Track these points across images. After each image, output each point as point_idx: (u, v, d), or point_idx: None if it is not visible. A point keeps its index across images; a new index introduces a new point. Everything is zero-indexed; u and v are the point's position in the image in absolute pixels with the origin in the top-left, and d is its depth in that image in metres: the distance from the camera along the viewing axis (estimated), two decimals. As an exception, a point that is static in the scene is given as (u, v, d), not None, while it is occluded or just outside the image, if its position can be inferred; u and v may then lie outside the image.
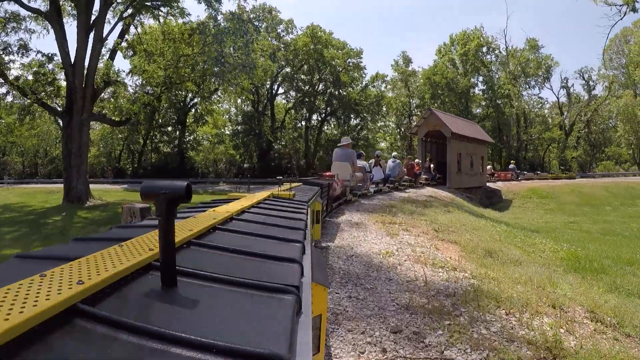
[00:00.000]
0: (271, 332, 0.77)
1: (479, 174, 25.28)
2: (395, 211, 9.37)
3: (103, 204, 17.99)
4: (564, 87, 56.91)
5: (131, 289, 0.92)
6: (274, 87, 46.94)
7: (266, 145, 43.50)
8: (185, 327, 0.74)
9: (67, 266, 0.94)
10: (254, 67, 23.38)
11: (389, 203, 10.72)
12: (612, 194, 27.49)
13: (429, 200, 12.95)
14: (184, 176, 39.90)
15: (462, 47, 50.13)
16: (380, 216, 8.46)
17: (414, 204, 11.05)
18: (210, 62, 22.22)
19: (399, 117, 51.15)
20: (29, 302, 0.70)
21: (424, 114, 22.82)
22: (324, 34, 45.46)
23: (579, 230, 15.48)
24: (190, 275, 1.04)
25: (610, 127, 56.89)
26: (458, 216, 10.87)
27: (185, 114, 43.66)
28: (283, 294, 0.98)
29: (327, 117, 48.63)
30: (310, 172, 41.47)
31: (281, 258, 1.31)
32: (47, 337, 0.65)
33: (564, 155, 52.93)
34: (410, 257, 5.43)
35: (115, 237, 1.41)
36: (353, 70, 46.94)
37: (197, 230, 1.51)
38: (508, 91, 49.20)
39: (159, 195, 0.89)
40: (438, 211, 10.77)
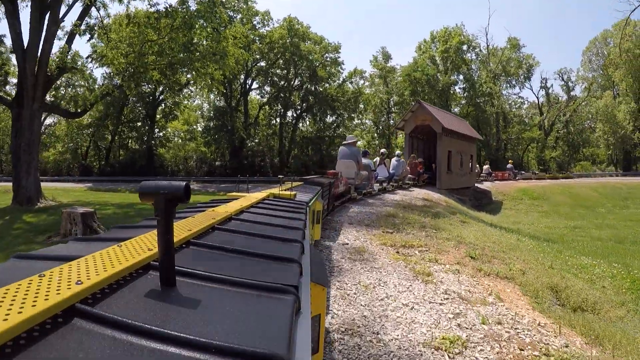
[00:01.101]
0: (270, 332, 0.79)
1: (468, 174, 24.46)
2: (400, 224, 8.03)
3: (55, 205, 16.79)
4: (543, 87, 58.98)
5: (130, 289, 0.93)
6: (248, 81, 46.53)
7: (239, 142, 43.04)
8: (184, 327, 0.76)
9: (66, 266, 0.96)
10: (225, 56, 22.42)
11: (387, 211, 9.32)
12: (601, 194, 28.12)
13: (429, 206, 11.81)
14: (152, 174, 39.27)
15: (443, 44, 50.75)
16: (385, 234, 7.00)
17: (416, 212, 9.85)
18: (177, 48, 20.99)
19: (377, 114, 51.32)
20: (27, 303, 0.72)
21: (412, 107, 21.35)
22: (301, 27, 45.24)
23: (589, 237, 14.89)
24: (189, 275, 1.06)
25: (587, 127, 59.18)
26: (478, 229, 9.78)
27: (155, 108, 43.00)
28: (282, 294, 1.01)
29: (303, 113, 48.39)
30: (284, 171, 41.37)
31: (280, 258, 1.34)
32: (46, 337, 0.66)
33: (543, 155, 54.49)
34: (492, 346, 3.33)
35: (114, 237, 1.43)
36: (330, 66, 46.82)
37: (196, 230, 1.54)
38: (489, 89, 50.11)
39: (157, 195, 0.92)
40: (453, 223, 9.53)
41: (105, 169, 41.68)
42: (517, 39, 54.61)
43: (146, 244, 1.24)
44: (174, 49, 20.86)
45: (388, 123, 50.87)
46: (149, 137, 43.36)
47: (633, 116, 51.94)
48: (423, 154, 22.13)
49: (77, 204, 15.99)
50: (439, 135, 19.51)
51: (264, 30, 45.10)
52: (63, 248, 1.33)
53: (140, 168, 40.04)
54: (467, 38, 52.13)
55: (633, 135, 51.92)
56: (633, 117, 51.97)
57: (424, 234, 7.42)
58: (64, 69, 19.50)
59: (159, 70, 22.48)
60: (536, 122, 57.48)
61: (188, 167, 45.75)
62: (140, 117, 44.14)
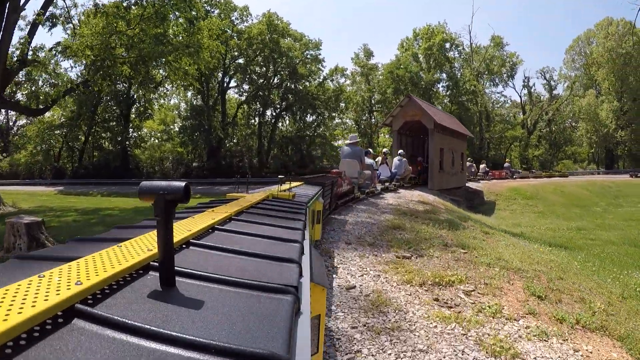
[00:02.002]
0: (270, 332, 0.81)
1: (459, 173, 23.73)
2: (414, 240, 6.66)
3: (13, 212, 15.68)
4: (525, 86, 60.30)
5: (130, 290, 0.95)
6: (226, 79, 46.20)
7: (216, 142, 42.70)
8: (184, 328, 0.78)
9: (66, 267, 0.97)
10: (200, 49, 21.46)
11: (389, 221, 8.03)
12: (592, 193, 28.60)
13: (431, 211, 10.79)
14: (127, 176, 38.66)
15: (426, 41, 51.26)
16: (402, 260, 5.50)
17: (423, 220, 8.70)
18: (148, 40, 19.95)
19: (358, 112, 51.48)
20: (27, 303, 0.73)
21: (400, 101, 20.43)
22: (280, 23, 45.08)
23: (600, 240, 14.55)
24: (189, 275, 1.08)
25: (568, 126, 60.93)
26: (509, 243, 8.73)
27: (129, 107, 42.36)
28: (282, 294, 1.03)
29: (282, 112, 48.26)
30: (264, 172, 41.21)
31: (280, 258, 1.36)
32: (46, 338, 0.67)
33: (526, 153, 55.59)
34: None
35: (114, 238, 1.45)
36: (311, 63, 46.80)
37: (195, 230, 1.56)
38: (473, 87, 50.81)
39: (157, 195, 0.93)
40: (475, 235, 8.32)
41: (78, 171, 40.90)
42: (500, 37, 55.82)
43: (146, 244, 1.26)
44: (145, 41, 19.94)
45: (370, 122, 51.09)
46: (123, 137, 42.68)
47: (615, 115, 53.55)
48: (411, 152, 21.08)
49: (38, 210, 15.50)
50: (430, 132, 18.67)
51: (242, 26, 44.82)
52: (63, 248, 1.35)
53: (115, 170, 39.43)
54: (450, 36, 52.79)
55: (615, 133, 53.57)
56: (615, 116, 53.57)
57: (451, 256, 5.93)
58: (25, 61, 18.60)
59: (130, 65, 21.53)
60: (519, 121, 58.77)
61: (164, 168, 45.14)
62: (114, 117, 43.42)
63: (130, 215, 14.71)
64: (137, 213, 15.26)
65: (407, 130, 20.70)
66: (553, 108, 58.36)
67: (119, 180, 36.86)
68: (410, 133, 21.46)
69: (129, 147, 43.18)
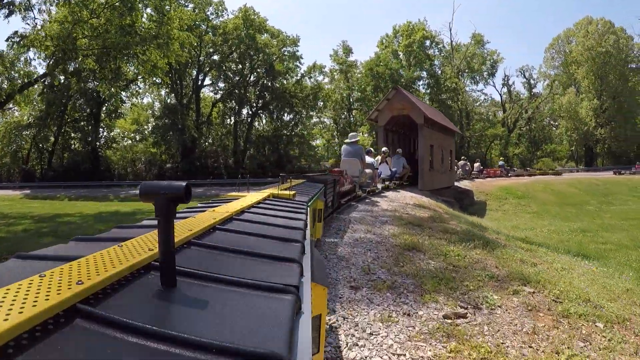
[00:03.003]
0: (271, 332, 0.83)
1: (448, 172, 22.81)
2: (445, 271, 4.95)
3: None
4: (504, 84, 61.70)
5: (131, 289, 0.96)
6: (200, 76, 45.81)
7: (190, 142, 42.25)
8: (184, 327, 0.79)
9: (67, 266, 0.98)
10: (170, 40, 20.65)
11: (398, 237, 6.54)
12: (581, 190, 29.16)
13: (440, 218, 9.49)
14: (97, 178, 38.18)
15: (406, 38, 51.69)
16: (457, 326, 3.57)
17: (441, 234, 7.12)
18: (114, 30, 19.06)
19: (337, 111, 51.57)
20: (28, 303, 0.74)
21: (387, 94, 19.04)
22: (257, 18, 44.88)
23: (611, 244, 13.82)
24: (190, 275, 1.09)
25: (547, 125, 62.84)
26: (562, 264, 7.20)
27: (99, 106, 41.51)
28: (283, 294, 1.05)
29: (259, 111, 48.04)
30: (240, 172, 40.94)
31: (281, 258, 1.38)
32: (47, 338, 0.68)
33: (506, 151, 56.68)
34: None
35: (115, 237, 1.46)
36: (289, 60, 46.75)
37: (196, 230, 1.57)
38: (454, 85, 51.48)
39: (158, 195, 0.95)
40: (522, 257, 6.55)
41: (47, 173, 40.07)
42: (481, 35, 56.97)
43: (147, 244, 1.27)
44: (110, 31, 19.09)
45: (349, 120, 51.19)
46: (93, 137, 41.92)
47: (595, 113, 55.15)
48: (397, 149, 19.19)
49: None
50: (420, 127, 17.48)
51: (217, 22, 44.51)
52: (64, 248, 1.35)
53: (85, 172, 38.78)
54: (430, 33, 53.33)
55: (595, 131, 55.24)
56: (595, 114, 55.17)
57: (519, 302, 4.30)
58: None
59: (96, 58, 20.73)
60: (500, 119, 59.94)
61: (136, 169, 44.51)
62: (84, 116, 42.57)
63: (89, 223, 14.35)
64: (99, 220, 14.90)
65: (393, 125, 19.66)
66: (533, 106, 59.88)
67: (89, 183, 36.29)
68: (397, 129, 20.48)
69: (99, 148, 42.51)
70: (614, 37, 56.22)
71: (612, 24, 57.94)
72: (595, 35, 56.65)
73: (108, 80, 22.39)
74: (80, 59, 20.59)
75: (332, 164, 46.49)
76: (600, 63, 55.76)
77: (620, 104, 55.74)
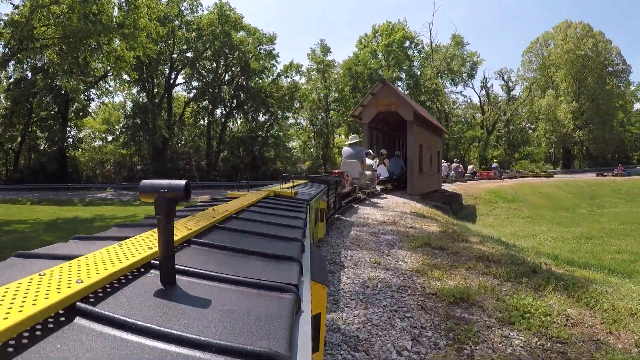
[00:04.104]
0: (271, 331, 0.85)
1: (436, 174, 21.95)
2: (541, 349, 3.30)
3: None
4: (483, 87, 63.02)
5: (130, 288, 0.97)
6: (172, 74, 45.19)
7: (161, 143, 41.55)
8: (184, 326, 0.81)
9: (67, 265, 0.99)
10: (136, 30, 19.64)
11: (433, 280, 4.71)
12: (569, 193, 29.67)
13: (455, 234, 8.13)
14: (64, 180, 37.37)
15: (385, 38, 52.00)
16: None
17: (476, 264, 5.48)
18: (76, 17, 17.99)
19: (314, 111, 51.45)
20: (28, 301, 0.75)
21: (372, 88, 17.73)
22: (233, 14, 44.47)
23: (627, 253, 13.32)
24: (190, 273, 1.11)
25: (525, 127, 64.56)
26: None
27: (66, 104, 40.41)
28: (282, 293, 1.07)
29: (233, 110, 47.63)
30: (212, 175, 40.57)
31: (281, 256, 1.42)
32: (47, 336, 0.69)
33: (485, 154, 57.70)
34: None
35: (115, 236, 1.48)
36: (265, 59, 46.42)
37: (196, 228, 1.60)
38: (434, 86, 51.98)
39: (158, 194, 0.97)
40: (630, 306, 4.48)
41: (13, 175, 39.18)
42: (461, 36, 57.84)
43: (146, 242, 1.29)
44: (72, 19, 18.07)
45: (326, 121, 51.19)
46: (60, 137, 40.85)
47: (574, 115, 56.73)
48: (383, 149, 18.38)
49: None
50: (409, 125, 16.37)
51: (191, 18, 43.98)
52: (63, 247, 1.36)
53: (52, 173, 37.96)
54: (410, 34, 53.80)
55: (573, 133, 56.88)
56: (574, 116, 56.74)
57: None
58: None
59: (57, 50, 19.69)
60: (479, 121, 61.04)
61: (105, 171, 43.67)
62: (51, 115, 41.52)
63: (37, 233, 13.78)
64: (51, 229, 14.40)
65: (378, 123, 18.61)
66: (511, 109, 61.14)
67: (56, 185, 35.52)
68: (382, 127, 19.39)
69: (66, 148, 41.49)
70: (593, 40, 58.12)
71: (590, 28, 59.97)
72: (574, 38, 58.45)
73: (70, 73, 21.27)
74: (38, 48, 19.73)
75: (308, 166, 46.48)
76: (579, 66, 57.60)
77: (598, 106, 57.66)
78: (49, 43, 19.39)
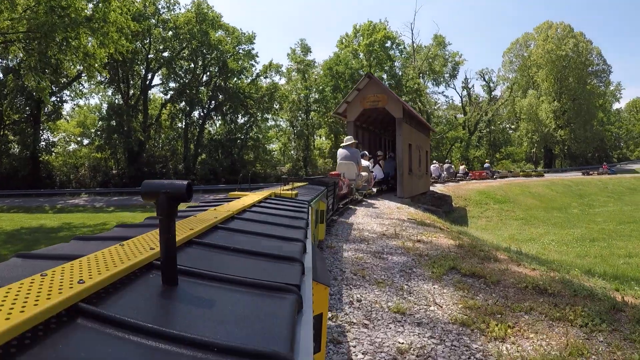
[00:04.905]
0: (272, 331, 0.86)
1: (424, 175, 21.20)
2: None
3: None
4: (464, 87, 64.02)
5: (132, 288, 0.98)
6: (149, 75, 44.50)
7: (137, 146, 40.91)
8: (186, 326, 0.82)
9: (68, 265, 1.00)
10: (106, 24, 18.73)
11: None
12: (557, 192, 30.22)
13: (474, 247, 6.98)
14: (37, 186, 36.46)
15: (367, 37, 52.17)
16: None
17: (531, 299, 4.31)
18: (42, 10, 17.30)
19: (294, 112, 51.24)
20: (29, 302, 0.75)
21: (358, 83, 16.80)
22: (211, 12, 44.09)
23: (636, 257, 12.77)
24: (191, 274, 1.13)
25: (506, 127, 65.84)
26: None
27: (38, 106, 39.20)
28: (284, 293, 1.09)
29: (211, 112, 47.24)
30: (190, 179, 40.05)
31: (282, 257, 1.43)
32: (49, 337, 0.70)
33: (467, 154, 58.45)
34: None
35: (116, 237, 1.49)
36: (243, 59, 46.14)
37: (198, 229, 1.62)
38: (417, 86, 52.37)
39: (159, 194, 0.98)
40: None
41: (-16, 181, 37.92)
42: (443, 37, 58.61)
43: (148, 243, 1.30)
44: (38, 12, 17.41)
45: (306, 122, 51.10)
46: (33, 141, 39.65)
47: (555, 115, 58.00)
48: (369, 149, 17.43)
49: None
50: (398, 122, 15.57)
51: (168, 16, 43.45)
52: (65, 247, 1.36)
53: (24, 179, 37.11)
54: (391, 34, 54.13)
55: (555, 133, 58.12)
56: (555, 116, 57.99)
57: None
58: None
59: (24, 45, 18.97)
60: (461, 122, 61.90)
61: (79, 176, 42.70)
62: (24, 117, 40.48)
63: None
64: (12, 239, 14.16)
65: (364, 121, 17.70)
66: (493, 109, 62.14)
67: (28, 191, 34.84)
68: (365, 125, 18.38)
69: (39, 152, 40.33)
70: (574, 40, 59.51)
71: (571, 29, 61.41)
72: (555, 39, 59.79)
73: (35, 71, 20.14)
74: (2, 43, 19.09)
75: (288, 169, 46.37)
76: (560, 66, 58.95)
77: (579, 106, 59.17)
78: (13, 38, 18.78)
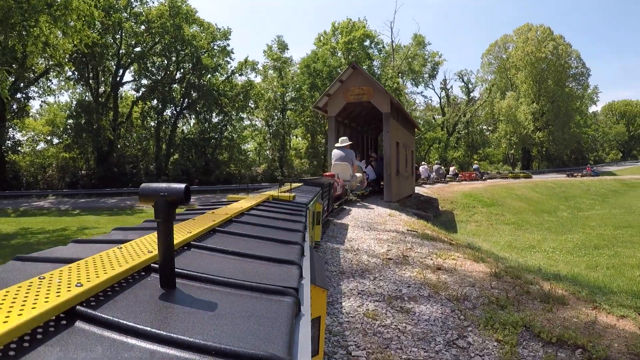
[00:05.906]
0: (270, 334, 0.88)
1: (410, 177, 20.31)
2: None
3: None
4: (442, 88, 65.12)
5: (131, 291, 0.99)
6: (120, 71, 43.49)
7: (107, 145, 40.08)
8: (184, 329, 0.83)
9: (66, 268, 1.01)
10: (67, 11, 17.85)
11: None
12: (542, 195, 30.59)
13: (508, 274, 5.87)
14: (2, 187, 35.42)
15: (345, 35, 52.16)
16: None
17: None
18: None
19: (269, 111, 50.83)
20: (27, 305, 0.76)
21: (340, 74, 15.58)
22: (185, 6, 43.35)
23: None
24: (189, 277, 1.14)
25: (484, 129, 67.09)
26: None
27: (3, 103, 38.22)
28: (282, 296, 1.11)
29: (184, 110, 46.57)
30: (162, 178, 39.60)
31: (280, 260, 1.45)
32: (46, 340, 0.71)
33: (445, 155, 59.19)
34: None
35: (114, 240, 1.51)
36: (218, 55, 45.69)
37: (196, 232, 1.64)
38: (396, 85, 52.52)
39: (158, 197, 0.99)
40: None
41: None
42: (422, 36, 59.25)
43: (146, 246, 1.31)
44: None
45: (282, 121, 50.86)
46: (-3, 140, 38.46)
47: (534, 117, 59.32)
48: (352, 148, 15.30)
49: None
50: (385, 118, 14.41)
51: (140, 10, 42.53)
52: (63, 250, 1.38)
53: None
54: (370, 32, 54.30)
55: (533, 134, 59.41)
56: (534, 118, 59.31)
57: None
58: None
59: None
60: (439, 122, 62.68)
61: (47, 177, 41.45)
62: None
63: None
64: None
65: (346, 117, 16.54)
66: (471, 110, 63.12)
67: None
68: (349, 122, 17.28)
69: (5, 152, 39.16)
70: (553, 43, 60.88)
71: (551, 31, 62.74)
72: (535, 41, 61.06)
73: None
74: None
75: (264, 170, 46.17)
76: (539, 68, 60.25)
77: (558, 108, 60.65)
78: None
